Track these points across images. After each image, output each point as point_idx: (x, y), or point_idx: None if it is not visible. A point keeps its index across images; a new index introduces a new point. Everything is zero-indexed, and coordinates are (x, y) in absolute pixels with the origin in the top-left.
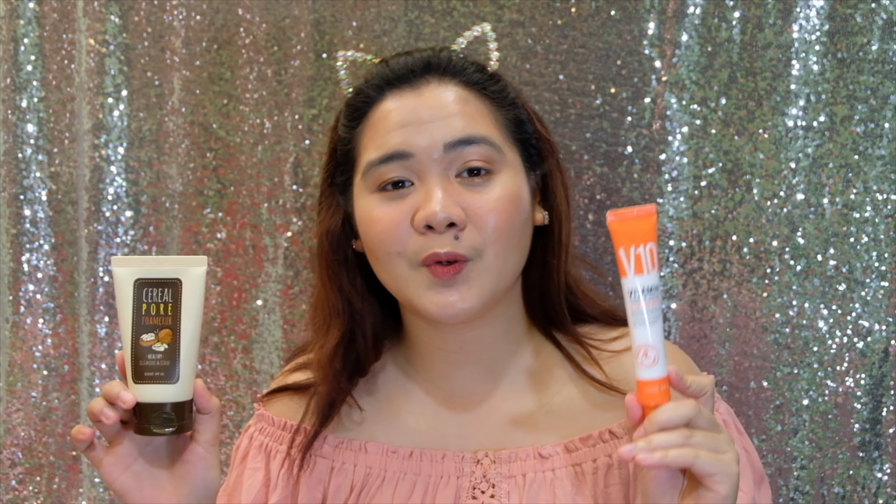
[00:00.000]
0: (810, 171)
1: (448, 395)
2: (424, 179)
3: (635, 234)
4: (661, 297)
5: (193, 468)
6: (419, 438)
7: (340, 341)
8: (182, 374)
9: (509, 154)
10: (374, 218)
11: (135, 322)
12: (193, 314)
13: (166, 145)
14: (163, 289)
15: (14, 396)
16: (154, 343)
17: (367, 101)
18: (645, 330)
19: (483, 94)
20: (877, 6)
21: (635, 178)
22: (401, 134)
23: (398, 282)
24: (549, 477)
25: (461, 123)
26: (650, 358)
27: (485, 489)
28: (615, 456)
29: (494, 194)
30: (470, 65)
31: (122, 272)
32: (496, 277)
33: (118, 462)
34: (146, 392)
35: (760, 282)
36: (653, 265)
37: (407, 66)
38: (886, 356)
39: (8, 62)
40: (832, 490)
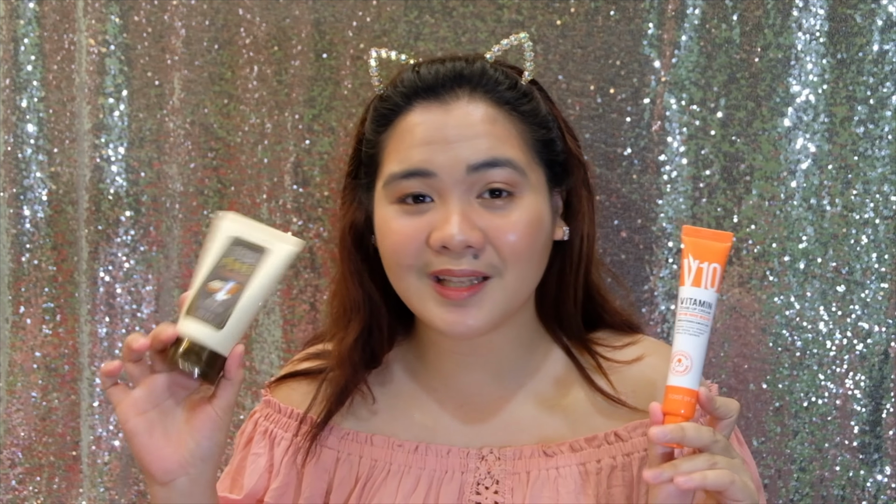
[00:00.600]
0: (810, 171)
1: (455, 393)
2: (445, 199)
3: (705, 251)
4: (712, 316)
5: (203, 426)
6: (425, 433)
7: (360, 335)
8: (230, 328)
9: (533, 175)
10: (392, 229)
11: (214, 268)
12: (265, 282)
13: (166, 145)
14: (251, 251)
15: (14, 396)
16: (219, 291)
17: (394, 109)
18: (686, 339)
19: (512, 114)
20: (877, 6)
21: (634, 179)
22: (425, 151)
23: (407, 293)
24: (552, 475)
25: (486, 145)
26: (683, 366)
27: (489, 485)
28: (620, 459)
29: (514, 217)
30: (504, 80)
31: (223, 226)
32: (511, 297)
33: (136, 405)
34: (192, 328)
35: (760, 283)
36: (712, 283)
37: (437, 77)
38: (886, 358)
39: (8, 62)
40: (832, 492)
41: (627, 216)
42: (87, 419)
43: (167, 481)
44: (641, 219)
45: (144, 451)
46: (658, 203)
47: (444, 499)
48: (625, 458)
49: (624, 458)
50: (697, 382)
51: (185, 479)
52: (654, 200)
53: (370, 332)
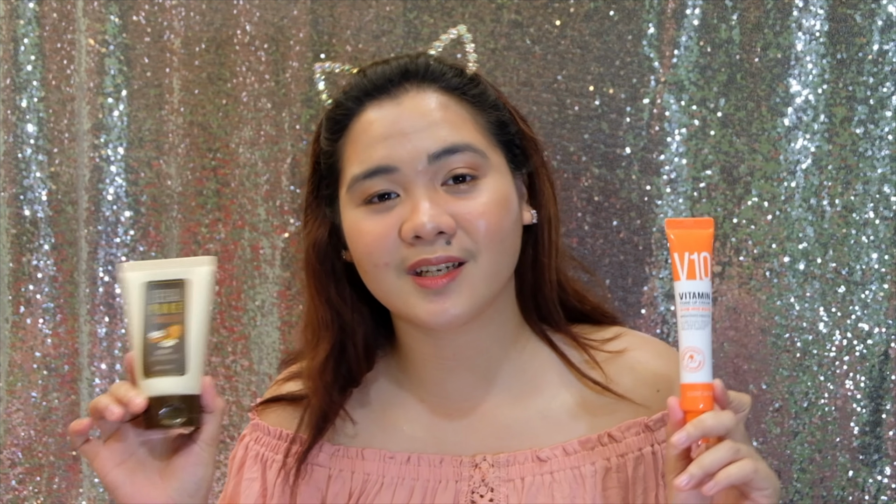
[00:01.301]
0: (810, 171)
1: (443, 401)
2: (410, 191)
3: (690, 242)
4: (711, 305)
5: (186, 464)
6: (416, 444)
7: (330, 353)
8: (191, 367)
9: (493, 157)
10: (362, 231)
11: (144, 321)
12: (201, 312)
13: (166, 145)
14: (171, 289)
15: (14, 396)
16: (163, 339)
17: (346, 113)
18: (692, 334)
19: (463, 99)
20: (877, 6)
21: (634, 180)
22: (384, 147)
23: (387, 293)
24: (547, 480)
25: (443, 132)
26: (696, 361)
27: (483, 493)
28: (614, 461)
29: (482, 199)
30: (448, 69)
31: (131, 276)
32: (489, 281)
33: (113, 457)
34: (156, 385)
35: (759, 284)
36: (705, 273)
37: (385, 76)
38: (886, 358)
39: (8, 62)
40: (832, 493)
41: (627, 216)
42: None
43: None
44: (641, 219)
45: (129, 499)
46: (657, 203)
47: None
48: (619, 459)
49: (618, 459)
50: (711, 375)
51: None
52: (653, 201)
53: (343, 349)
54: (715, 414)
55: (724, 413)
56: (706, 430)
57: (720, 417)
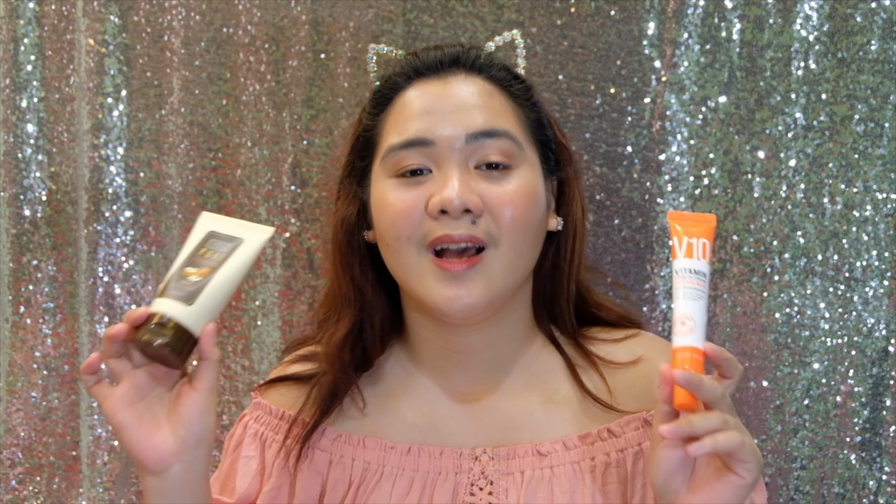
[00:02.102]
0: (810, 170)
1: (448, 393)
2: (443, 167)
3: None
4: (707, 284)
5: (190, 411)
6: (417, 434)
7: (350, 331)
8: (199, 304)
9: (529, 152)
10: (389, 202)
11: (189, 256)
12: (237, 265)
13: (166, 145)
14: (226, 242)
15: (14, 396)
16: (193, 275)
17: (393, 87)
18: (687, 302)
19: (508, 91)
20: (877, 6)
21: (635, 178)
22: (424, 121)
23: (405, 269)
24: (547, 474)
25: (484, 116)
26: (687, 326)
27: (483, 486)
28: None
29: (512, 186)
30: (498, 63)
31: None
32: (506, 272)
33: (122, 398)
34: (161, 303)
35: (760, 281)
36: (703, 255)
37: (436, 58)
38: (887, 356)
39: (8, 62)
40: (832, 490)
41: (628, 215)
42: (86, 419)
43: (161, 470)
44: (642, 218)
45: (135, 442)
46: (659, 202)
47: (438, 500)
48: (619, 454)
49: (618, 454)
50: (702, 342)
51: (179, 467)
52: (654, 199)
53: (361, 328)
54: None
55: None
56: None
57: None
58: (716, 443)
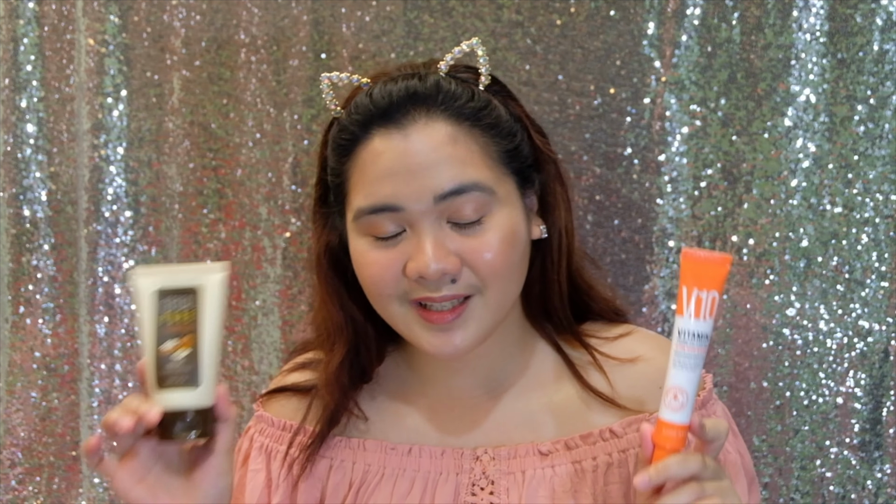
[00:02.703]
0: (810, 171)
1: (447, 396)
2: (416, 229)
3: (704, 278)
4: (707, 346)
5: (206, 476)
6: (417, 436)
7: (346, 356)
8: (204, 379)
9: (501, 189)
10: (368, 261)
11: (156, 331)
12: (214, 321)
13: (166, 145)
14: (183, 296)
15: (14, 396)
16: (175, 350)
17: (352, 139)
18: (681, 373)
19: (474, 128)
20: (877, 6)
21: (635, 179)
22: (390, 184)
23: (392, 318)
24: (548, 474)
25: (451, 172)
26: (679, 401)
27: (484, 486)
28: (615, 456)
29: (488, 237)
30: (461, 93)
31: (142, 283)
32: (494, 312)
33: (132, 474)
34: (169, 398)
35: (760, 282)
36: (711, 313)
37: (391, 99)
38: (886, 356)
39: (8, 62)
40: (832, 490)
41: (628, 216)
42: (86, 419)
43: None
44: (642, 218)
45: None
46: (658, 203)
47: (440, 500)
48: (620, 454)
49: (620, 454)
50: (689, 415)
51: None
52: (654, 200)
53: (357, 351)
54: (681, 458)
55: (691, 457)
56: (670, 475)
57: (686, 462)
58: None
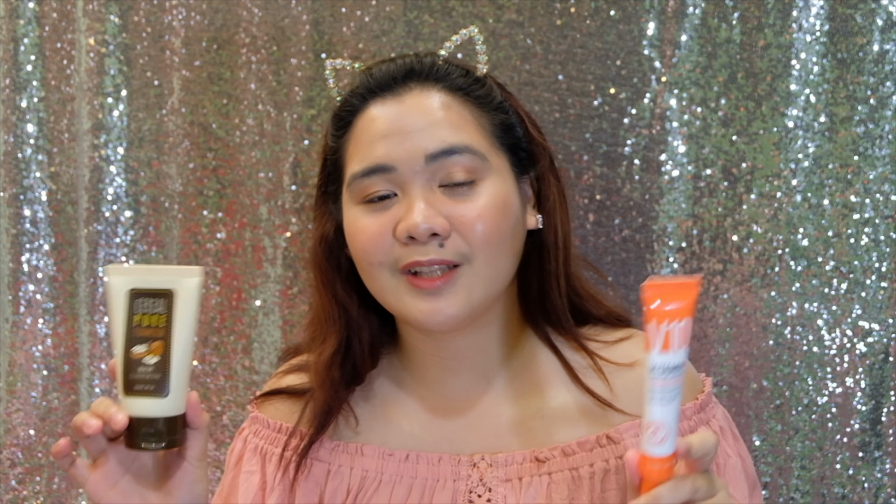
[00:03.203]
0: (810, 171)
1: (443, 400)
2: (407, 191)
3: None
4: (682, 375)
5: (180, 483)
6: (415, 442)
7: (338, 349)
8: (173, 388)
9: (494, 160)
10: (358, 229)
11: (127, 333)
12: (187, 326)
13: (166, 145)
14: (156, 299)
15: (14, 396)
16: (145, 355)
17: (351, 110)
18: (657, 408)
19: (467, 100)
20: (877, 6)
21: (635, 179)
22: (383, 145)
23: (382, 291)
24: (545, 481)
25: (443, 133)
26: (658, 437)
27: (481, 493)
28: (612, 462)
29: (480, 202)
30: (454, 69)
31: (115, 281)
32: (485, 284)
33: (104, 480)
34: (136, 405)
35: (760, 282)
36: (683, 342)
37: (389, 74)
38: (886, 356)
39: (8, 62)
40: (832, 490)
41: (628, 216)
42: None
43: None
44: (642, 218)
45: None
46: (658, 203)
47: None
48: (617, 460)
49: (617, 461)
50: (673, 445)
51: None
52: (654, 200)
53: (349, 345)
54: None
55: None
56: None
57: (677, 490)
58: None
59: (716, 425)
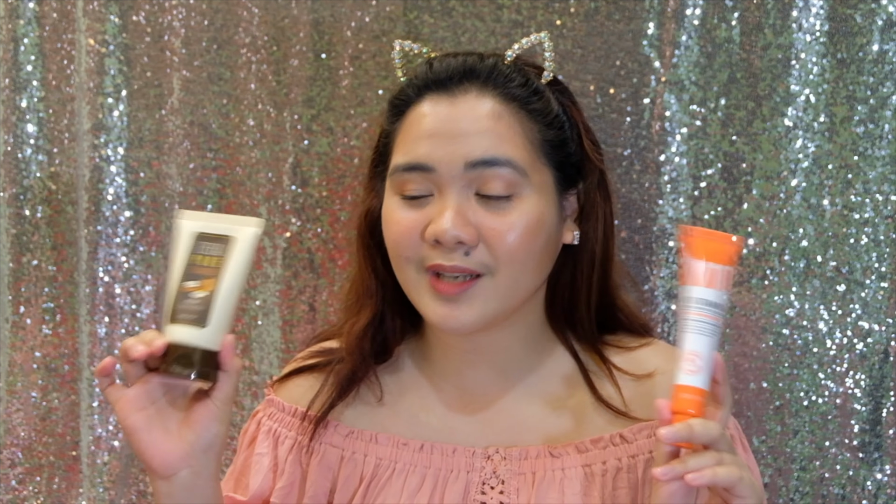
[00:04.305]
0: (810, 171)
1: (461, 392)
2: (443, 193)
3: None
4: (724, 318)
5: (202, 418)
6: (430, 432)
7: (371, 321)
8: (213, 322)
9: (536, 176)
10: (393, 220)
11: (184, 269)
12: (238, 269)
13: (166, 145)
14: (216, 243)
15: (14, 396)
16: (195, 290)
17: (405, 100)
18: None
19: (520, 110)
20: (877, 6)
21: (634, 179)
22: (427, 144)
23: (407, 283)
24: (558, 476)
25: (487, 142)
26: (695, 365)
27: (494, 485)
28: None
29: (512, 218)
30: (515, 76)
31: (185, 224)
32: (504, 298)
33: (134, 402)
34: (177, 332)
35: (760, 282)
36: (725, 285)
37: (448, 71)
38: (886, 357)
39: (8, 62)
40: (832, 491)
41: (627, 216)
42: (86, 419)
43: (169, 475)
44: (641, 219)
45: (144, 446)
46: (658, 203)
47: (450, 498)
48: (630, 459)
49: (629, 459)
50: (708, 383)
51: (187, 472)
52: (654, 200)
53: (382, 319)
54: (704, 423)
55: (713, 424)
56: (693, 435)
57: (708, 426)
58: (715, 474)
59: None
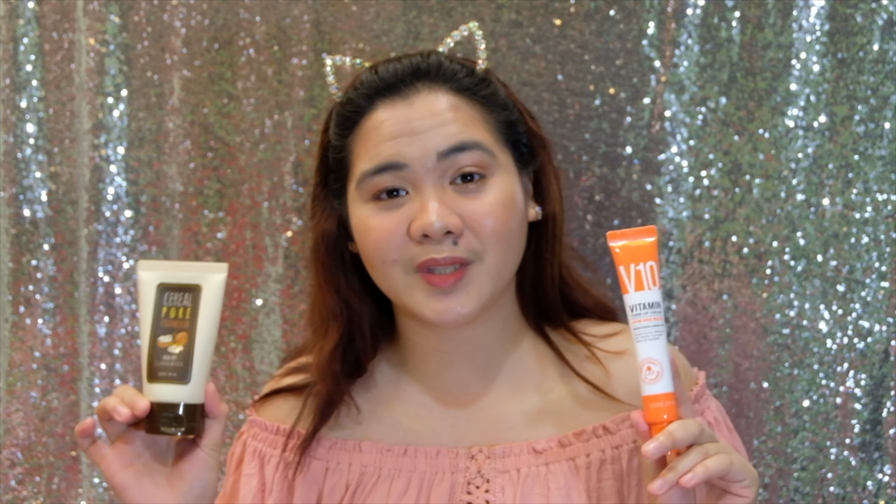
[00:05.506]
0: (810, 171)
1: (442, 393)
2: (419, 189)
3: (635, 253)
4: (663, 314)
5: (191, 468)
6: (413, 436)
7: (339, 342)
8: (195, 376)
9: (501, 157)
10: (371, 227)
11: (154, 324)
12: (210, 319)
13: (166, 145)
14: (183, 293)
15: (14, 396)
16: (170, 345)
17: (357, 110)
18: (647, 345)
19: (473, 99)
20: (877, 6)
21: (634, 179)
22: (394, 145)
23: (394, 288)
24: (542, 471)
25: (453, 130)
26: (654, 373)
27: (479, 484)
28: (609, 452)
29: (489, 199)
30: (460, 69)
31: (145, 276)
32: (495, 279)
33: (120, 459)
34: (159, 391)
35: (760, 282)
36: (653, 282)
37: (396, 74)
38: (887, 357)
39: (8, 62)
40: (832, 491)
41: (627, 216)
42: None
43: None
44: (641, 219)
45: (137, 501)
46: (658, 203)
47: (436, 500)
48: (614, 450)
49: (613, 451)
50: (671, 383)
51: None
52: (654, 200)
53: (351, 338)
54: (681, 424)
55: (690, 422)
56: (676, 440)
57: (687, 426)
58: (706, 469)
59: (710, 416)
